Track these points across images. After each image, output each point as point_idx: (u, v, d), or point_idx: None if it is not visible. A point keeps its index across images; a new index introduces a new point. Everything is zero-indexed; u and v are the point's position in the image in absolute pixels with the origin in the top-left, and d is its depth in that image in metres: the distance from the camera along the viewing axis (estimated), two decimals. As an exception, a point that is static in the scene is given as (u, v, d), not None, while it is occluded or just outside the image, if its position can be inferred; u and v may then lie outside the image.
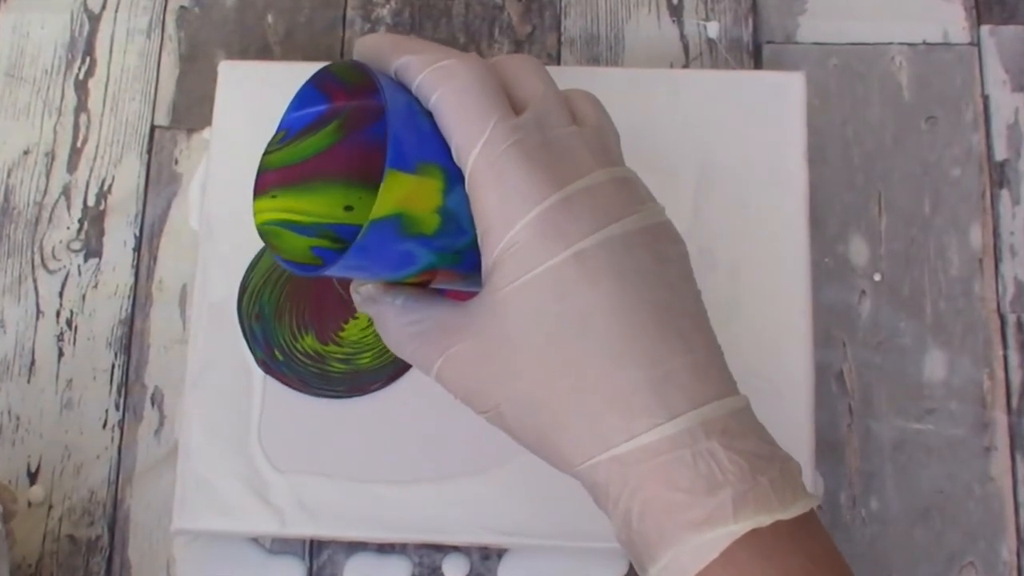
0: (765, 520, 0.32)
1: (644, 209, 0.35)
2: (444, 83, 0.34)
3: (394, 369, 0.52)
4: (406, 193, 0.33)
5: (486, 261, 0.35)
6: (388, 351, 0.52)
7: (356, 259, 0.34)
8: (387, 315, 0.38)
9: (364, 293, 0.39)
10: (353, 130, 0.38)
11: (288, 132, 0.38)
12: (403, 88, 0.35)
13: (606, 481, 0.34)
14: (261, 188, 0.37)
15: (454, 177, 0.34)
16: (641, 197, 0.36)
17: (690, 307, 0.35)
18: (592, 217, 0.34)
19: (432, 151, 0.34)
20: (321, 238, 0.38)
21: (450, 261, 0.36)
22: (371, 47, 0.36)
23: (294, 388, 0.53)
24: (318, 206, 0.38)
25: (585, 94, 0.38)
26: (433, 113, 0.35)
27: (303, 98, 0.37)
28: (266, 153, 0.38)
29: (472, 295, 0.36)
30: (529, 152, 0.34)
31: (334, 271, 0.34)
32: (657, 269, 0.35)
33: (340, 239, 0.38)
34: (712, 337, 0.36)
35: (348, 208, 0.38)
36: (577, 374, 0.34)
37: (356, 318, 0.54)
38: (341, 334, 0.53)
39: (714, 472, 0.32)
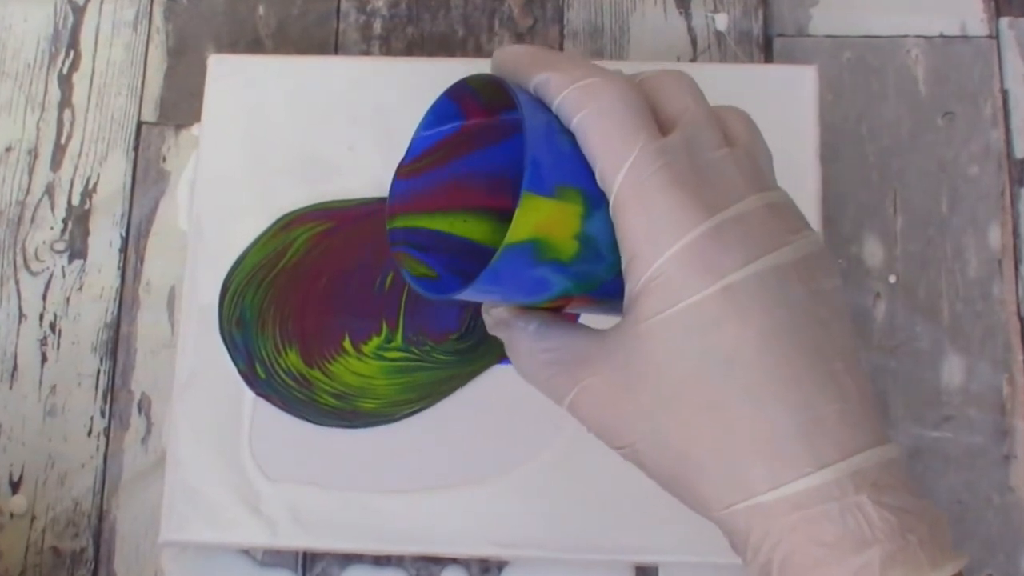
0: None
1: (798, 238, 0.35)
2: (588, 103, 0.34)
3: (406, 414, 0.53)
4: (543, 218, 0.33)
5: (629, 290, 0.34)
6: (403, 403, 0.52)
7: (487, 284, 0.33)
8: (519, 341, 0.38)
9: (495, 316, 0.39)
10: (485, 148, 0.38)
11: (415, 151, 0.38)
12: (543, 106, 0.35)
13: (746, 529, 0.34)
14: (388, 208, 0.37)
15: (595, 201, 0.34)
16: (795, 224, 0.35)
17: (843, 347, 0.35)
18: (744, 247, 0.33)
19: (572, 174, 0.34)
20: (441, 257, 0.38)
21: (587, 288, 0.36)
22: (510, 59, 0.36)
23: (280, 408, 0.53)
24: (443, 227, 0.38)
25: (736, 111, 0.37)
26: (575, 134, 0.34)
27: (437, 111, 0.37)
28: (396, 171, 0.38)
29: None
30: (678, 176, 0.33)
31: (464, 295, 0.34)
32: (810, 305, 0.34)
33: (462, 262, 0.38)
34: (864, 380, 0.35)
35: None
36: (721, 415, 0.33)
37: (345, 355, 0.53)
38: (329, 366, 0.53)
39: (862, 528, 0.32)
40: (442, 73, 0.56)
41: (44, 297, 0.58)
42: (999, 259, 0.57)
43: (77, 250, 0.58)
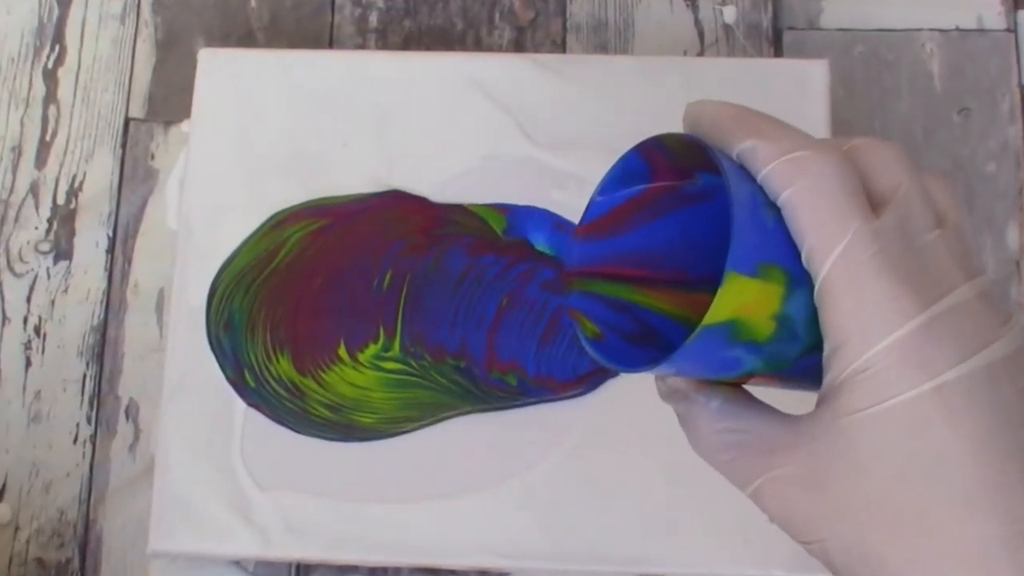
0: None
1: (1007, 331, 0.34)
2: (799, 178, 0.33)
3: (404, 431, 0.53)
4: (745, 299, 0.33)
5: (832, 379, 0.34)
6: (402, 420, 0.52)
7: (678, 363, 0.33)
8: (699, 417, 0.37)
9: (672, 385, 0.38)
10: (673, 213, 0.38)
11: (596, 213, 0.37)
12: (746, 174, 0.34)
13: None
14: (566, 272, 0.37)
15: (797, 281, 0.34)
16: (1003, 315, 0.34)
17: None
18: (957, 344, 0.33)
19: (776, 252, 0.33)
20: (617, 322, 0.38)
21: (777, 368, 0.36)
22: (709, 118, 0.36)
23: (271, 419, 0.53)
24: (622, 294, 0.38)
25: (941, 183, 0.37)
26: (783, 209, 0.34)
27: (626, 167, 0.37)
28: (574, 232, 0.37)
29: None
30: (892, 263, 0.33)
31: (657, 371, 0.34)
32: (1020, 406, 0.34)
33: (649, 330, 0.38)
34: None
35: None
36: (923, 523, 0.33)
37: (340, 363, 0.54)
38: (323, 374, 0.54)
39: None
40: (440, 68, 0.57)
41: (28, 299, 0.58)
42: (1017, 260, 0.57)
43: (62, 251, 0.59)
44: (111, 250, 0.59)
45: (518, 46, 0.61)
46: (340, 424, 0.53)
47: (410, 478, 0.52)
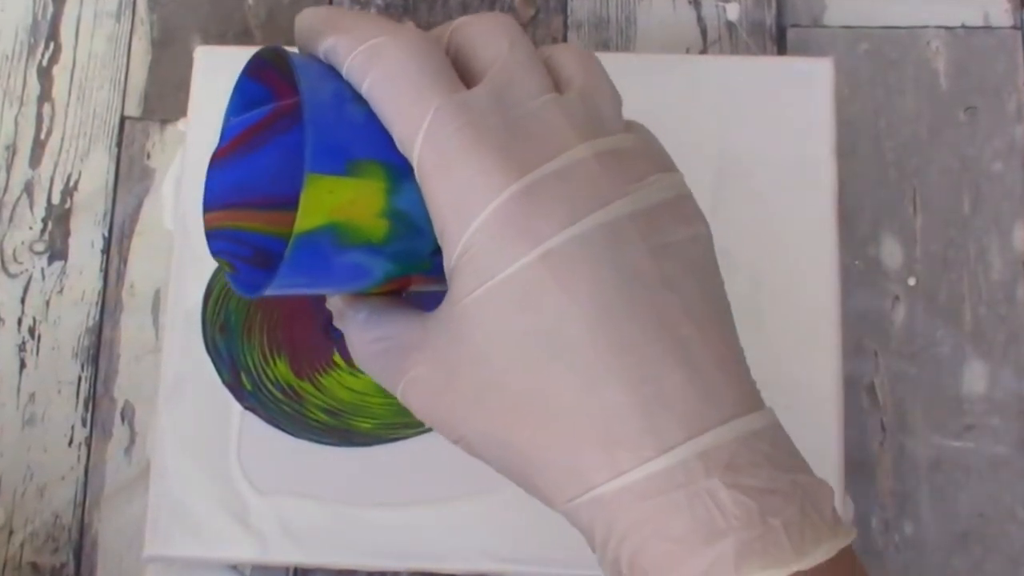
0: (777, 573, 0.30)
1: (641, 187, 0.32)
2: (375, 65, 0.32)
3: (402, 437, 0.52)
4: (337, 200, 0.32)
5: (446, 267, 0.33)
6: (399, 425, 0.52)
7: (292, 277, 0.32)
8: (351, 331, 0.37)
9: (332, 305, 0.38)
10: (293, 130, 0.37)
11: (226, 138, 0.37)
12: (335, 74, 0.33)
13: (590, 525, 0.32)
14: (204, 206, 0.37)
15: (402, 173, 0.33)
16: (639, 171, 0.32)
17: (696, 308, 0.32)
18: (567, 207, 0.31)
19: (370, 146, 0.32)
20: (258, 254, 0.37)
21: (414, 268, 0.34)
22: (302, 25, 0.35)
23: (269, 424, 0.53)
24: (254, 221, 0.37)
25: (571, 50, 0.35)
26: (369, 102, 0.33)
27: (244, 92, 0.36)
28: (209, 162, 0.37)
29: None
30: (484, 135, 0.31)
31: (273, 290, 0.33)
32: (650, 264, 0.31)
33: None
34: (727, 342, 0.33)
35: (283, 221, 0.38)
36: (548, 400, 0.31)
37: (337, 368, 0.53)
38: (320, 378, 0.53)
39: (714, 517, 0.30)
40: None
41: (23, 300, 0.58)
42: (1023, 260, 0.57)
43: (57, 251, 0.59)
44: (106, 250, 0.58)
45: (518, 44, 0.61)
46: (338, 429, 0.52)
47: (408, 483, 0.52)
